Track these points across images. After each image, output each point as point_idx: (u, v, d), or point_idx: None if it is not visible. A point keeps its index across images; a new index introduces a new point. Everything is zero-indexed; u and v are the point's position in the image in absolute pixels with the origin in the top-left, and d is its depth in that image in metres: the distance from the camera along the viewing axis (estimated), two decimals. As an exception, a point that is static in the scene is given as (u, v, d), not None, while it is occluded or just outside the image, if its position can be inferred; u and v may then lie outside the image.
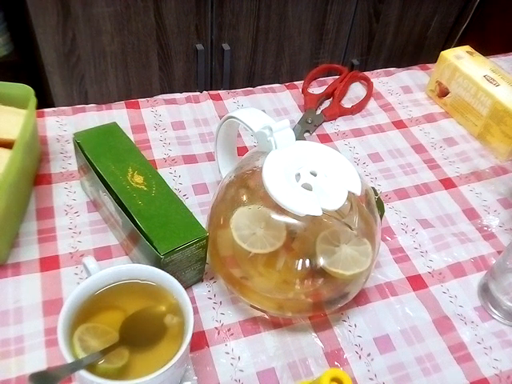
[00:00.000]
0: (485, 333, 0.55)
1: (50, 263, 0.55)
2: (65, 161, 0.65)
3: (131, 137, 0.69)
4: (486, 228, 0.65)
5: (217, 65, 1.36)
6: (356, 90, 0.83)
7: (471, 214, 0.67)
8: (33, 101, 0.58)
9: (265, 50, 1.38)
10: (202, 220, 0.53)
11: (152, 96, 0.76)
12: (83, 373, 0.39)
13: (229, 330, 0.52)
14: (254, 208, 0.51)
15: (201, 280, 0.56)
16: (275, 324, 0.53)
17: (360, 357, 0.52)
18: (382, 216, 0.56)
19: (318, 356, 0.51)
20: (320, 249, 0.49)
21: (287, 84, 0.82)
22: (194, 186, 0.65)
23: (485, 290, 0.57)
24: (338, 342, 0.53)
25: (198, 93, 0.78)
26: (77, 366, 0.40)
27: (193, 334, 0.42)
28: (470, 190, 0.70)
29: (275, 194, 0.46)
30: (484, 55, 0.80)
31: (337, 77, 0.83)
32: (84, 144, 0.56)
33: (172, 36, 1.25)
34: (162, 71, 1.32)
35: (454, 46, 0.82)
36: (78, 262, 0.55)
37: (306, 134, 0.74)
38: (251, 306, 0.53)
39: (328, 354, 0.52)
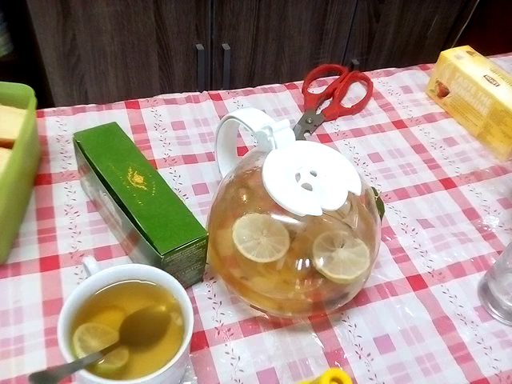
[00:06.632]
0: (485, 333, 0.55)
1: (50, 263, 0.55)
2: (65, 161, 0.65)
3: (131, 137, 0.69)
4: (486, 228, 0.65)
5: (217, 65, 1.36)
6: (356, 90, 0.83)
7: (471, 213, 0.67)
8: (33, 101, 0.58)
9: (265, 50, 1.38)
10: (202, 220, 0.53)
11: (152, 96, 0.76)
12: (83, 373, 0.39)
13: (229, 330, 0.52)
14: (253, 216, 0.51)
15: (201, 280, 0.56)
16: (275, 324, 0.53)
17: (360, 357, 0.52)
18: (381, 216, 0.56)
19: (318, 356, 0.51)
20: (318, 256, 0.49)
21: (287, 84, 0.82)
22: (194, 186, 0.65)
23: (485, 290, 0.57)
24: (338, 342, 0.53)
25: (197, 93, 0.78)
26: (77, 366, 0.40)
27: (193, 334, 0.42)
28: (470, 189, 0.70)
29: (275, 194, 0.45)
30: (484, 55, 0.80)
31: (337, 77, 0.83)
32: (84, 144, 0.56)
33: (172, 36, 1.25)
34: (162, 71, 1.32)
35: (454, 46, 0.82)
36: (78, 262, 0.55)
37: (306, 134, 0.74)
38: (251, 305, 0.53)
39: (328, 354, 0.52)
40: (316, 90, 0.82)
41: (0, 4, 1.17)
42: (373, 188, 0.55)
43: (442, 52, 0.80)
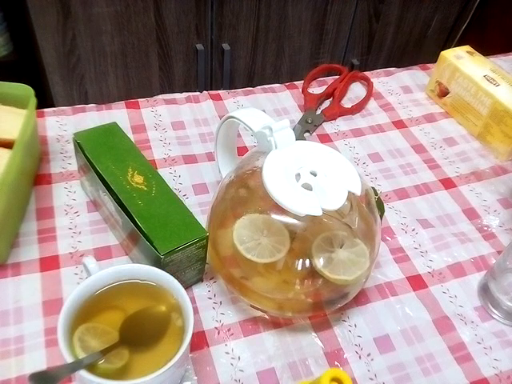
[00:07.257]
0: (485, 333, 0.55)
1: (50, 263, 0.55)
2: (65, 161, 0.65)
3: (131, 137, 0.69)
4: (486, 228, 0.65)
5: (217, 65, 1.36)
6: (356, 90, 0.83)
7: (471, 213, 0.67)
8: (33, 101, 0.58)
9: (265, 50, 1.38)
10: (202, 220, 0.53)
11: (152, 96, 0.76)
12: (83, 373, 0.39)
13: (229, 329, 0.52)
14: (253, 216, 0.51)
15: (201, 280, 0.56)
16: (275, 324, 0.53)
17: (360, 357, 0.52)
18: (381, 216, 0.56)
19: (318, 356, 0.51)
20: (318, 257, 0.49)
21: (287, 84, 0.82)
22: (194, 186, 0.65)
23: (485, 290, 0.57)
24: (338, 342, 0.53)
25: (198, 93, 0.78)
26: (77, 366, 0.40)
27: (193, 334, 0.42)
28: (470, 189, 0.70)
29: (275, 194, 0.45)
30: (484, 55, 0.80)
31: (337, 77, 0.83)
32: (84, 144, 0.56)
33: (172, 36, 1.25)
34: (162, 71, 1.32)
35: (454, 46, 0.82)
36: (78, 262, 0.55)
37: (306, 134, 0.74)
38: (251, 305, 0.53)
39: (328, 354, 0.52)
40: (316, 89, 0.82)
41: (0, 4, 1.17)
42: (373, 188, 0.55)
43: (442, 52, 0.80)
